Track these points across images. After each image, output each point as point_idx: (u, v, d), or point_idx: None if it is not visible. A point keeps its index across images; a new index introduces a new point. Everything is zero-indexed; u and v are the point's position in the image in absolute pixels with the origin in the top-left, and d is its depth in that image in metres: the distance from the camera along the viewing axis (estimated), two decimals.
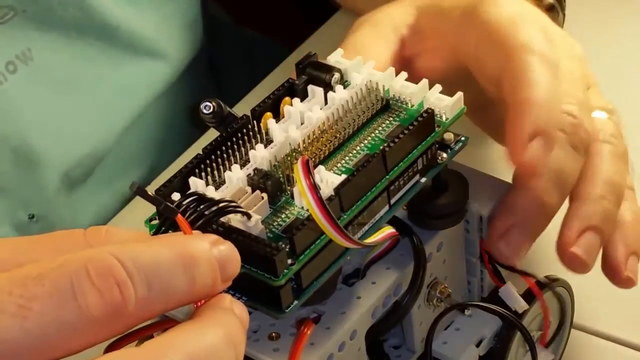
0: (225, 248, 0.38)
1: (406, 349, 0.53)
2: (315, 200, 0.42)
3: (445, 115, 0.49)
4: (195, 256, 0.37)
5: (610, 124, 0.57)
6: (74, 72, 0.75)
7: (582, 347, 0.60)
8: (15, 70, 0.71)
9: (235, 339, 0.37)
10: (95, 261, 0.35)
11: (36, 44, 0.72)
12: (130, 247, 0.36)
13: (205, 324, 0.37)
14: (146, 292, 0.36)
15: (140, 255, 0.36)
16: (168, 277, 0.36)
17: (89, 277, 0.35)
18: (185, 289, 0.37)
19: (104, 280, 0.35)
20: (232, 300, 0.39)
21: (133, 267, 0.36)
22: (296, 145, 0.47)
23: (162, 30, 0.80)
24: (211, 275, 0.38)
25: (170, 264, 0.37)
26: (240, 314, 0.39)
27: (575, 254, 0.52)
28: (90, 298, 0.35)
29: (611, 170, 0.54)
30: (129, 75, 0.78)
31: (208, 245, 0.38)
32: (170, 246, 0.37)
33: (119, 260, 0.35)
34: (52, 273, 0.35)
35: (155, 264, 0.36)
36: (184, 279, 0.37)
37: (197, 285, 0.37)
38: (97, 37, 0.75)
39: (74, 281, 0.35)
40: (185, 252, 0.37)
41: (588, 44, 0.60)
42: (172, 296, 0.37)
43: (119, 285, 0.35)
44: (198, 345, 0.36)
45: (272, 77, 0.81)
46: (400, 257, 0.50)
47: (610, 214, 0.53)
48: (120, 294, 0.35)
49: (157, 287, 0.36)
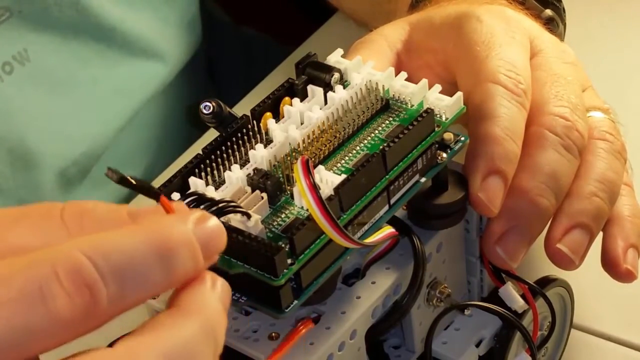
0: (209, 225, 0.37)
1: (406, 349, 0.53)
2: (315, 200, 0.42)
3: (445, 115, 0.49)
4: (173, 244, 0.36)
5: (605, 122, 0.57)
6: (70, 72, 0.75)
7: (582, 347, 0.60)
8: (12, 71, 0.71)
9: (214, 326, 0.36)
10: (64, 262, 0.34)
11: (32, 45, 0.72)
12: (102, 242, 0.35)
13: (182, 314, 0.36)
14: (119, 289, 0.35)
15: (113, 250, 0.35)
16: (143, 270, 0.35)
17: (57, 279, 0.34)
18: (162, 280, 0.36)
19: (72, 282, 0.34)
20: (213, 280, 0.37)
21: (104, 264, 0.34)
22: (296, 145, 0.47)
23: (160, 31, 0.80)
24: (191, 259, 0.36)
25: (145, 256, 0.35)
26: (222, 292, 0.37)
27: (560, 250, 0.53)
28: (60, 301, 0.34)
29: (604, 167, 0.54)
30: (125, 75, 0.78)
31: (189, 226, 0.36)
32: (145, 235, 0.36)
33: (89, 258, 0.34)
34: (20, 276, 0.34)
35: (129, 258, 0.35)
36: (161, 270, 0.36)
37: (176, 273, 0.36)
38: (93, 37, 0.75)
39: (42, 285, 0.34)
40: (162, 241, 0.36)
41: (588, 45, 0.60)
42: (148, 288, 0.36)
43: (89, 286, 0.34)
44: (174, 342, 0.35)
45: (272, 77, 0.81)
46: (400, 257, 0.50)
47: (601, 211, 0.54)
48: (90, 295, 0.34)
49: (131, 282, 0.35)
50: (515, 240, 0.51)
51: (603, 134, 0.56)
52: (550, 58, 0.57)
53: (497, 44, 0.55)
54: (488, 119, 0.52)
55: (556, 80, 0.55)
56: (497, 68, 0.53)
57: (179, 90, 0.84)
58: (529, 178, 0.52)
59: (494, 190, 0.50)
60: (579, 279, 0.57)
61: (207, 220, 0.37)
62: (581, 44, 0.60)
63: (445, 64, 0.57)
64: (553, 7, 0.65)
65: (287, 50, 0.82)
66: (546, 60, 0.57)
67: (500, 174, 0.50)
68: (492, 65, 0.54)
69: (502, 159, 0.51)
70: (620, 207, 0.55)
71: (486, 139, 0.51)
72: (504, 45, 0.55)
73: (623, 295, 0.61)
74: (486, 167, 0.50)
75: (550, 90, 0.55)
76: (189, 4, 0.83)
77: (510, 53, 0.55)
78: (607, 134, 0.56)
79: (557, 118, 0.53)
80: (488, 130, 0.51)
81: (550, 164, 0.52)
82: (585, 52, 0.60)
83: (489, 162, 0.50)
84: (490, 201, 0.50)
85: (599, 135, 0.56)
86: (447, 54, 0.57)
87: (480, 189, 0.50)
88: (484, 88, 0.53)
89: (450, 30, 0.57)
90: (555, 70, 0.56)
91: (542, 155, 0.52)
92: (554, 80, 0.55)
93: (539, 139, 0.53)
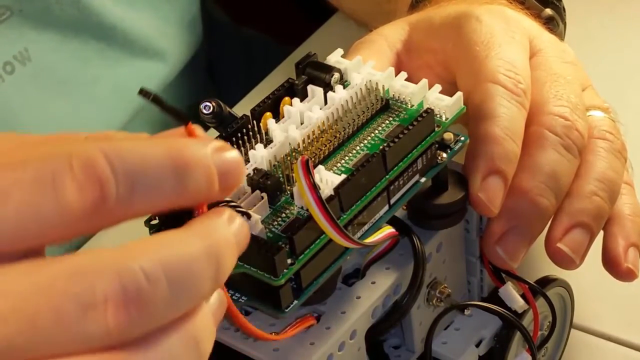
0: (229, 156, 0.37)
1: (406, 349, 0.53)
2: (315, 200, 0.42)
3: (445, 115, 0.49)
4: (189, 160, 0.36)
5: (605, 121, 0.57)
6: (71, 71, 0.75)
7: (582, 347, 0.60)
8: (13, 71, 0.71)
9: (220, 253, 0.36)
10: (79, 154, 0.34)
11: (33, 44, 0.72)
12: (120, 145, 0.35)
13: (188, 233, 0.36)
14: (129, 191, 0.34)
15: (129, 153, 0.35)
16: (155, 178, 0.35)
17: (71, 170, 0.34)
18: (172, 192, 0.36)
19: (85, 175, 0.34)
20: (232, 215, 0.37)
21: (119, 164, 0.34)
22: (296, 145, 0.47)
23: (160, 30, 0.80)
24: (206, 181, 0.36)
25: (160, 165, 0.35)
26: (238, 230, 0.37)
27: (561, 249, 0.53)
28: (69, 192, 0.34)
29: (604, 166, 0.54)
30: (126, 74, 0.78)
31: (209, 151, 0.36)
32: (164, 147, 0.36)
33: (105, 155, 0.34)
34: (36, 161, 0.34)
35: (143, 164, 0.35)
36: (173, 182, 0.35)
37: (188, 190, 0.36)
38: (93, 36, 0.75)
39: (56, 172, 0.34)
40: (180, 155, 0.36)
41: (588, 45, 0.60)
42: (159, 198, 0.35)
43: (100, 182, 0.34)
44: (173, 254, 0.35)
45: (271, 77, 0.81)
46: (400, 257, 0.50)
47: (602, 210, 0.54)
48: (101, 190, 0.34)
49: (142, 187, 0.35)
50: (515, 240, 0.51)
51: (603, 133, 0.56)
52: (550, 57, 0.57)
53: (496, 44, 0.55)
54: (488, 118, 0.52)
55: (556, 80, 0.55)
56: (496, 68, 0.53)
57: (179, 90, 0.84)
58: (529, 178, 0.52)
59: (494, 190, 0.50)
60: (579, 279, 0.57)
61: (227, 150, 0.37)
62: (581, 44, 0.60)
63: (445, 64, 0.57)
64: (553, 6, 0.65)
65: (287, 50, 0.82)
66: (546, 60, 0.57)
67: (500, 174, 0.50)
68: (492, 65, 0.54)
69: (502, 158, 0.51)
70: (621, 206, 0.56)
71: (486, 139, 0.51)
72: (503, 45, 0.55)
73: (623, 295, 0.61)
74: (486, 167, 0.50)
75: (549, 90, 0.55)
76: (189, 3, 0.83)
77: (510, 53, 0.55)
78: (607, 133, 0.56)
79: (556, 118, 0.53)
80: (488, 130, 0.51)
81: (550, 164, 0.52)
82: (585, 51, 0.60)
83: (489, 162, 0.50)
84: (490, 201, 0.50)
85: (599, 135, 0.56)
86: (447, 54, 0.57)
87: (480, 189, 0.50)
88: (484, 88, 0.53)
89: (450, 30, 0.57)
90: (554, 69, 0.56)
91: (542, 155, 0.52)
92: (553, 80, 0.55)
93: (538, 139, 0.53)
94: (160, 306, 0.34)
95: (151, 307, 0.34)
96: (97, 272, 0.34)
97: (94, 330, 0.34)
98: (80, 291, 0.34)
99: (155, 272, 0.34)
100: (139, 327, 0.34)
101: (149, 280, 0.34)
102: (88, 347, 0.34)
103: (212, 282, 0.36)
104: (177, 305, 0.35)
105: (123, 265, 0.34)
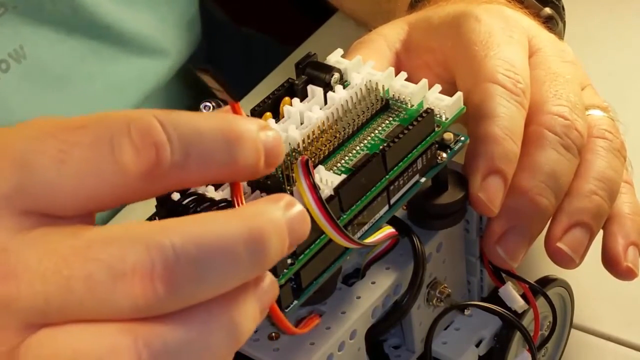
0: (272, 134, 0.39)
1: (406, 349, 0.53)
2: (315, 200, 0.42)
3: (445, 115, 0.49)
4: (240, 134, 0.37)
5: (604, 120, 0.57)
6: (66, 68, 0.75)
7: (582, 347, 0.60)
8: (8, 69, 0.71)
9: (262, 238, 0.36)
10: (137, 120, 0.36)
11: (28, 41, 0.72)
12: (176, 114, 0.36)
13: (232, 214, 0.37)
14: (182, 158, 0.36)
15: (184, 122, 0.36)
16: (208, 148, 0.37)
17: (129, 134, 0.35)
18: (224, 163, 0.37)
19: (142, 139, 0.35)
20: (290, 202, 0.38)
21: (174, 131, 0.36)
22: (296, 145, 0.47)
23: (159, 30, 0.80)
24: (254, 156, 0.38)
25: (213, 136, 0.37)
26: (294, 217, 0.38)
27: (560, 249, 0.53)
28: (127, 154, 0.35)
29: (604, 166, 0.54)
30: (121, 72, 0.78)
31: (256, 127, 0.38)
32: (217, 120, 0.37)
33: (161, 123, 0.36)
34: (95, 125, 0.36)
35: (197, 133, 0.36)
36: (225, 153, 0.37)
37: (238, 162, 0.37)
38: (88, 34, 0.75)
39: (114, 135, 0.35)
40: (231, 128, 0.37)
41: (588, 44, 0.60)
42: (210, 168, 0.37)
43: (156, 146, 0.35)
44: (208, 232, 0.35)
45: (271, 77, 0.81)
46: (400, 257, 0.50)
47: (601, 209, 0.54)
48: (156, 154, 0.35)
49: (195, 155, 0.36)
50: (515, 240, 0.51)
51: (602, 132, 0.56)
52: (549, 57, 0.57)
53: (495, 44, 0.55)
54: (487, 118, 0.52)
55: (555, 79, 0.55)
56: (495, 68, 0.53)
57: (177, 89, 0.84)
58: (528, 177, 0.52)
59: (494, 190, 0.50)
60: (579, 279, 0.57)
61: (270, 129, 0.39)
62: (581, 44, 0.60)
63: (445, 64, 0.57)
64: (552, 5, 0.65)
65: (287, 50, 0.82)
66: (545, 59, 0.57)
67: (500, 174, 0.50)
68: (491, 65, 0.54)
69: (501, 158, 0.51)
70: (621, 205, 0.56)
71: (486, 139, 0.51)
72: (502, 45, 0.55)
73: (623, 295, 0.61)
74: (486, 167, 0.50)
75: (549, 89, 0.55)
76: (188, 3, 0.83)
77: (509, 52, 0.55)
78: (607, 132, 0.56)
79: (556, 117, 0.53)
80: (487, 130, 0.51)
81: (549, 163, 0.52)
82: (585, 51, 0.60)
83: (489, 162, 0.50)
84: (490, 201, 0.50)
85: (598, 134, 0.56)
86: (446, 53, 0.57)
87: (480, 189, 0.50)
88: (483, 88, 0.53)
89: (449, 30, 0.57)
90: (554, 69, 0.56)
91: (542, 154, 0.52)
92: (552, 79, 0.55)
93: (538, 138, 0.53)
94: (190, 284, 0.35)
95: (180, 284, 0.35)
96: (128, 243, 0.35)
97: (123, 300, 0.34)
98: (111, 260, 0.34)
99: (185, 249, 0.35)
100: (168, 303, 0.35)
101: (178, 256, 0.35)
102: (117, 317, 0.35)
103: (252, 266, 0.36)
104: (209, 284, 0.35)
105: (154, 240, 0.35)
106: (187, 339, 0.35)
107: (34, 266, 0.35)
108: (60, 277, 0.35)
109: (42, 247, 0.35)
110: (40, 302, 0.35)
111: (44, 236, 0.36)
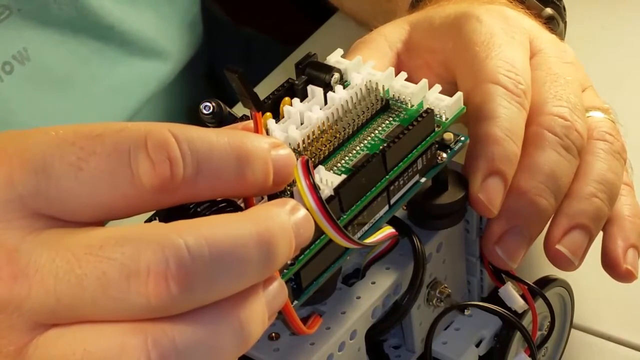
0: (284, 153, 0.40)
1: (406, 349, 0.53)
2: (315, 200, 0.42)
3: (445, 115, 0.49)
4: (250, 152, 0.38)
5: (605, 122, 0.57)
6: (70, 70, 0.75)
7: (582, 347, 0.60)
8: (12, 71, 0.71)
9: (271, 240, 0.37)
10: (154, 134, 0.36)
11: (32, 43, 0.72)
12: (190, 129, 0.37)
13: (243, 217, 0.38)
14: (194, 173, 0.37)
15: (197, 138, 0.37)
16: (219, 164, 0.37)
17: (145, 147, 0.36)
18: (232, 180, 0.38)
19: (158, 153, 0.36)
20: (296, 206, 0.39)
21: (187, 147, 0.37)
22: (296, 145, 0.47)
23: (160, 30, 0.80)
24: (263, 173, 0.39)
25: (224, 153, 0.38)
26: (300, 221, 0.39)
27: (560, 251, 0.53)
28: (142, 167, 0.36)
29: (604, 168, 0.54)
30: (125, 74, 0.78)
31: (267, 146, 0.39)
32: (228, 137, 0.38)
33: (176, 138, 0.37)
34: (114, 135, 0.36)
35: (209, 150, 0.37)
36: (234, 170, 0.38)
37: (246, 179, 0.38)
38: (92, 36, 0.75)
39: (131, 147, 0.36)
40: (242, 145, 0.38)
41: (588, 45, 0.60)
42: (220, 184, 0.38)
43: (170, 161, 0.36)
44: (221, 234, 0.36)
45: (272, 77, 0.81)
46: (400, 257, 0.50)
47: (601, 212, 0.54)
48: (170, 169, 0.36)
49: (206, 172, 0.37)
50: (514, 240, 0.51)
51: (602, 134, 0.56)
52: (550, 58, 0.57)
53: (496, 44, 0.55)
54: (488, 119, 0.52)
55: (555, 80, 0.55)
56: (496, 68, 0.53)
57: (180, 90, 0.84)
58: (528, 178, 0.52)
59: (494, 190, 0.50)
60: (579, 279, 0.57)
61: (282, 147, 0.40)
62: (581, 44, 0.60)
63: (445, 64, 0.57)
64: (553, 5, 0.65)
65: (287, 50, 0.82)
66: (546, 60, 0.57)
67: (500, 175, 0.50)
68: (492, 66, 0.54)
69: (502, 159, 0.51)
70: (620, 207, 0.55)
71: (486, 140, 0.51)
72: (503, 46, 0.55)
73: (623, 295, 0.61)
74: (486, 168, 0.50)
75: (549, 90, 0.55)
76: (190, 4, 0.83)
77: (510, 53, 0.55)
78: (607, 135, 0.56)
79: (556, 118, 0.53)
80: (488, 131, 0.51)
81: (549, 164, 0.52)
82: (585, 52, 0.60)
83: (489, 163, 0.50)
84: (490, 202, 0.50)
85: (598, 136, 0.56)
86: (447, 53, 0.57)
87: (480, 190, 0.50)
88: (484, 88, 0.53)
89: (450, 30, 0.57)
90: (554, 70, 0.56)
91: (542, 155, 0.52)
92: (553, 80, 0.55)
93: (538, 139, 0.53)
94: (203, 284, 0.35)
95: (193, 284, 0.35)
96: (143, 243, 0.35)
97: (136, 299, 0.35)
98: (125, 259, 0.35)
99: (199, 250, 0.35)
100: (181, 303, 0.35)
101: (192, 256, 0.35)
102: (130, 316, 0.35)
103: (261, 267, 0.37)
104: (221, 285, 0.36)
105: (168, 240, 0.35)
106: (196, 339, 0.36)
107: (47, 265, 0.35)
108: (73, 276, 0.35)
109: (55, 247, 0.36)
110: (52, 301, 0.35)
111: (56, 236, 0.36)
